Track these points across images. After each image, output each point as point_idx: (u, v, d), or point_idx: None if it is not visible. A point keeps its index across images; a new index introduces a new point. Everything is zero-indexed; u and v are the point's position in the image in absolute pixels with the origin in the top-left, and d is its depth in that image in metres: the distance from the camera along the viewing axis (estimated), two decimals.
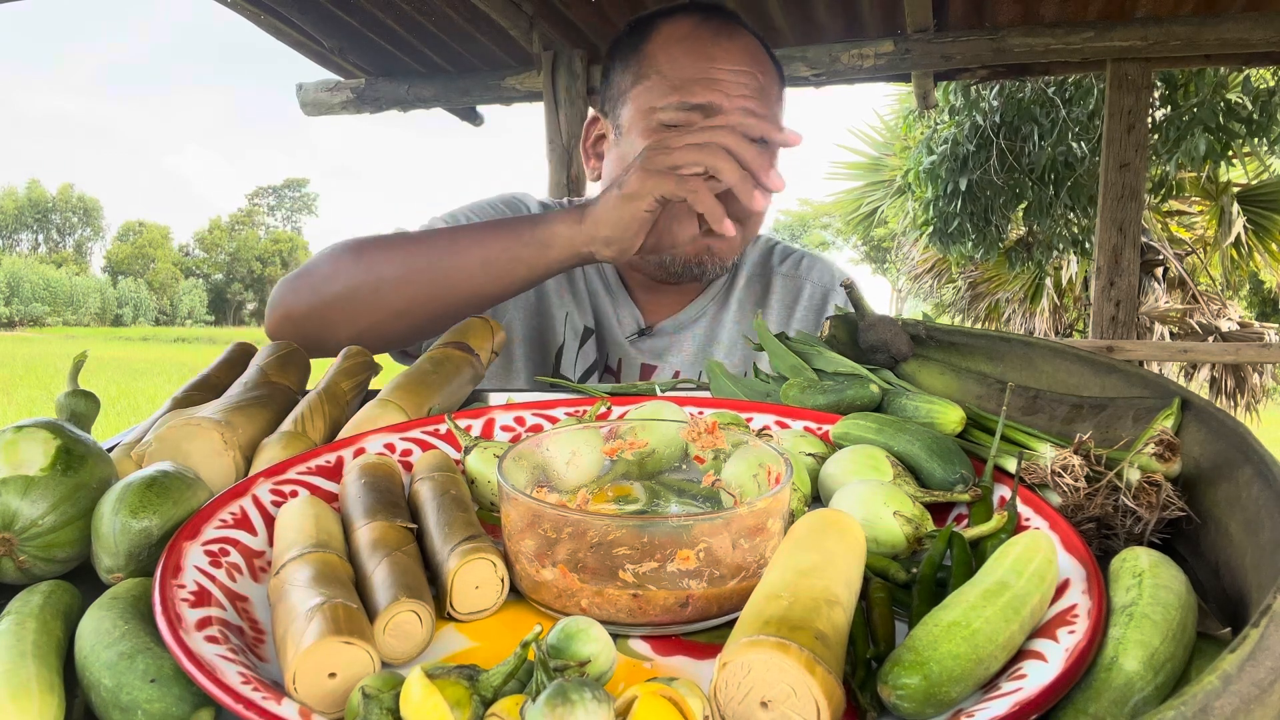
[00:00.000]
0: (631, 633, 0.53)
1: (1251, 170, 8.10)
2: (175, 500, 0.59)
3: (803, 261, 1.52)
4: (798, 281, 1.49)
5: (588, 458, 0.68)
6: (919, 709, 0.43)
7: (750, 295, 1.47)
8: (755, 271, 1.50)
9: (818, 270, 1.51)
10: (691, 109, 1.26)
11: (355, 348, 0.94)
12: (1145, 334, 7.89)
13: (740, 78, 1.27)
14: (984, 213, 6.84)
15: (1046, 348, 0.79)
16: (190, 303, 76.21)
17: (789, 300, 1.48)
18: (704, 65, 1.27)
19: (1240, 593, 0.52)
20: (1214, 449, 0.60)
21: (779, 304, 1.48)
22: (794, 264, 1.52)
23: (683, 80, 1.27)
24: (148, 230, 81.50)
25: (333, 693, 0.44)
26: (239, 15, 3.51)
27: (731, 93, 1.26)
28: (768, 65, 1.33)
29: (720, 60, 1.27)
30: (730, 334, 1.45)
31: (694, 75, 1.26)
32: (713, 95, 1.25)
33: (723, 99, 1.25)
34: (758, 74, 1.29)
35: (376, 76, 4.34)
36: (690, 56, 1.28)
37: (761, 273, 1.50)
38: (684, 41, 1.30)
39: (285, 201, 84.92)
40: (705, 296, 1.46)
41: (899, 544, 0.60)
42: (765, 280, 1.49)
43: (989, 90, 6.52)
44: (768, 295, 1.48)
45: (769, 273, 1.51)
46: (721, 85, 1.26)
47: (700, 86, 1.26)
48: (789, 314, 1.47)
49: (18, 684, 0.43)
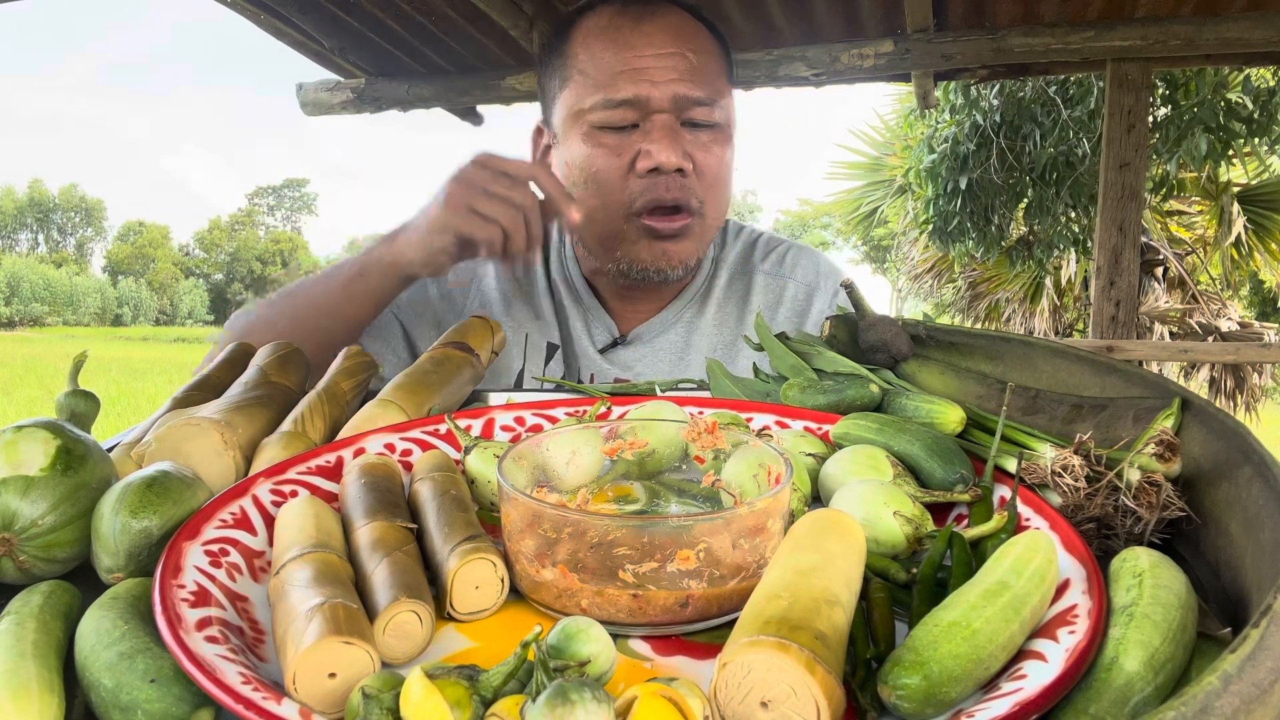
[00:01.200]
0: (631, 633, 0.53)
1: (1251, 170, 8.10)
2: (175, 500, 0.59)
3: (786, 257, 1.44)
4: (780, 280, 1.42)
5: (588, 458, 0.67)
6: (919, 709, 0.43)
7: (731, 297, 1.40)
8: (737, 269, 1.43)
9: (802, 267, 1.43)
10: (618, 105, 1.19)
11: (355, 347, 0.94)
12: (1145, 334, 7.89)
13: (668, 61, 1.19)
14: (984, 211, 6.84)
15: (1046, 348, 0.79)
16: (190, 303, 76.21)
17: (771, 301, 1.41)
18: (626, 56, 1.19)
19: (1240, 593, 0.52)
20: (1214, 449, 0.60)
21: (760, 306, 1.41)
22: (777, 260, 1.44)
23: (606, 76, 1.20)
24: (148, 230, 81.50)
25: (333, 693, 0.44)
26: (239, 15, 3.51)
27: (659, 79, 1.18)
28: (701, 40, 1.24)
29: (642, 47, 1.19)
30: (709, 341, 1.37)
31: (616, 68, 1.19)
32: (638, 88, 1.18)
33: (649, 89, 1.18)
34: (687, 53, 1.20)
35: (376, 76, 4.34)
36: (611, 49, 1.21)
37: (743, 270, 1.43)
38: (604, 34, 1.22)
39: (285, 201, 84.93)
40: (681, 300, 1.38)
41: (899, 544, 0.60)
42: (747, 279, 1.42)
43: (989, 89, 6.52)
44: (748, 296, 1.40)
45: (750, 270, 1.43)
46: (647, 74, 1.19)
47: (623, 79, 1.19)
48: (770, 317, 1.39)
49: (18, 684, 0.43)
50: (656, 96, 1.18)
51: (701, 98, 1.20)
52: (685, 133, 1.21)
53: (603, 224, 1.25)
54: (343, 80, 4.39)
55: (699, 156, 1.22)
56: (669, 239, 1.24)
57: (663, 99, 1.19)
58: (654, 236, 1.24)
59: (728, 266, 1.42)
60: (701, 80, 1.21)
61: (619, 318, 1.38)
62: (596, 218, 1.25)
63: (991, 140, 6.56)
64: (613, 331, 1.37)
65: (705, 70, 1.22)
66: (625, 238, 1.25)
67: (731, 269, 1.42)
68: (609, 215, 1.24)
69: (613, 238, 1.26)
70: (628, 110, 1.19)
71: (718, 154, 1.25)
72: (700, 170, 1.22)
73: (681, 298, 1.38)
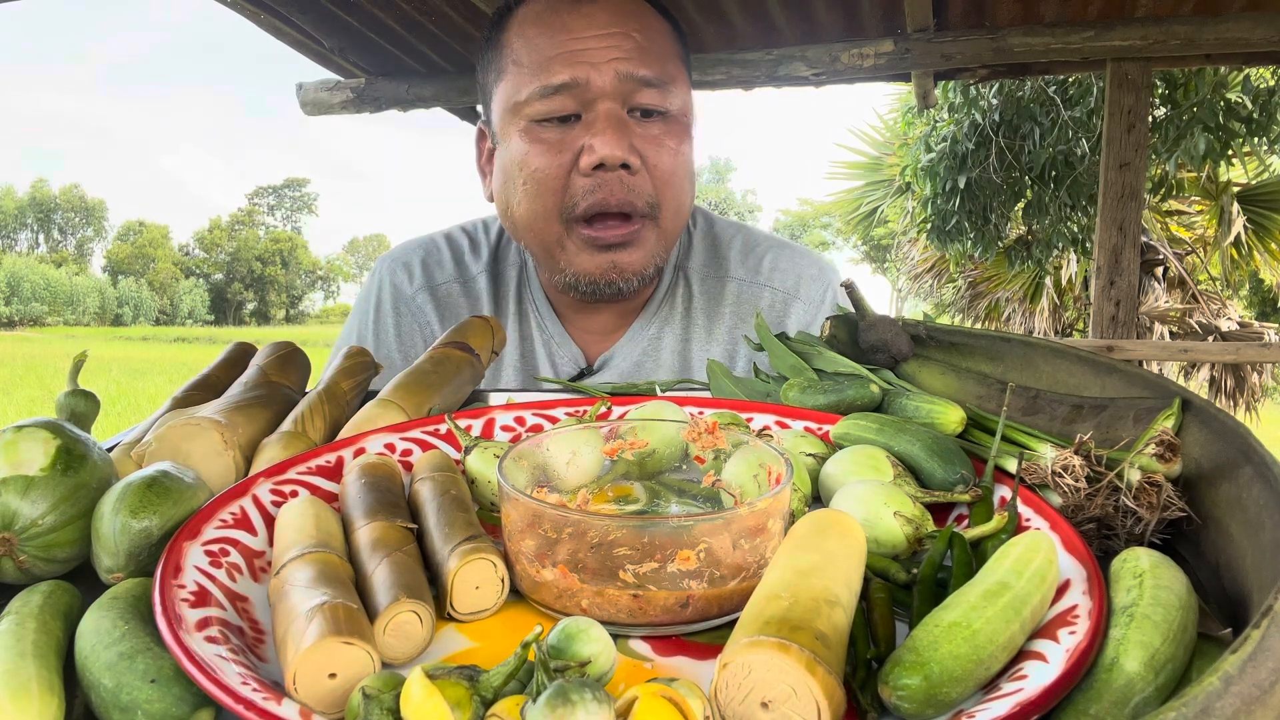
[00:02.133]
0: (632, 633, 0.53)
1: (1251, 170, 8.10)
2: (175, 500, 0.59)
3: (764, 261, 1.30)
4: (755, 289, 1.29)
5: (588, 458, 0.67)
6: (919, 709, 0.43)
7: (700, 308, 1.27)
8: (707, 276, 1.30)
9: (781, 272, 1.30)
10: (555, 92, 1.08)
11: (355, 347, 0.94)
12: (1145, 334, 7.89)
13: (610, 40, 1.08)
14: (983, 211, 6.84)
15: (1046, 348, 0.79)
16: (191, 302, 76.23)
17: (745, 313, 1.28)
18: (561, 39, 1.08)
19: (1241, 593, 0.52)
20: (1215, 449, 0.60)
21: (731, 317, 1.27)
22: (754, 267, 1.30)
23: (541, 61, 1.09)
24: (148, 230, 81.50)
25: (333, 693, 0.44)
26: (239, 15, 3.51)
27: (599, 59, 1.07)
28: (648, 20, 1.13)
29: (579, 30, 1.08)
30: (679, 360, 1.26)
31: (552, 52, 1.08)
32: (575, 70, 1.07)
33: (588, 70, 1.07)
34: (631, 32, 1.09)
35: (376, 76, 4.34)
36: (546, 34, 1.10)
37: (715, 276, 1.30)
38: (539, 20, 1.11)
39: (285, 201, 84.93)
40: (645, 316, 1.27)
41: (899, 544, 0.60)
42: (718, 287, 1.29)
43: (988, 89, 6.52)
44: (719, 307, 1.28)
45: (723, 277, 1.29)
46: (586, 54, 1.07)
47: (559, 62, 1.08)
48: (743, 329, 1.27)
49: (18, 684, 0.43)
50: (597, 79, 1.07)
51: (649, 76, 1.09)
52: (634, 124, 1.10)
53: (543, 229, 1.14)
54: (343, 80, 4.39)
55: (649, 151, 1.11)
56: (616, 249, 1.13)
57: (604, 81, 1.07)
58: (599, 247, 1.13)
59: (695, 273, 1.30)
60: (650, 58, 1.10)
61: (583, 342, 1.28)
62: (536, 224, 1.14)
63: (990, 139, 6.56)
64: (579, 362, 1.27)
65: (653, 50, 1.11)
66: (566, 248, 1.14)
67: (701, 275, 1.30)
68: (549, 222, 1.13)
69: (554, 244, 1.15)
70: (566, 98, 1.08)
71: (672, 147, 1.13)
72: (651, 166, 1.11)
73: (645, 314, 1.27)
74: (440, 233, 1.39)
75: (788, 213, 55.56)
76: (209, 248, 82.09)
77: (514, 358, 1.29)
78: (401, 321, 1.33)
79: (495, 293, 1.32)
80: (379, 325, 1.33)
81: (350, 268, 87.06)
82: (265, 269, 79.34)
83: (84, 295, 68.54)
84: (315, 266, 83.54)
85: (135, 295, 73.00)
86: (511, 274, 1.33)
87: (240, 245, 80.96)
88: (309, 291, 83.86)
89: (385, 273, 1.35)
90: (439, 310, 1.31)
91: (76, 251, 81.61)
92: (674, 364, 1.27)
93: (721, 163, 64.76)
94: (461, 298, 1.32)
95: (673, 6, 1.30)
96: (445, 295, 1.32)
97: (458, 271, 1.34)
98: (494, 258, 1.34)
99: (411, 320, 1.32)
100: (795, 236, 52.12)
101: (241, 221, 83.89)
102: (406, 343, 1.32)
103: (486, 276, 1.32)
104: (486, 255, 1.34)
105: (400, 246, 1.39)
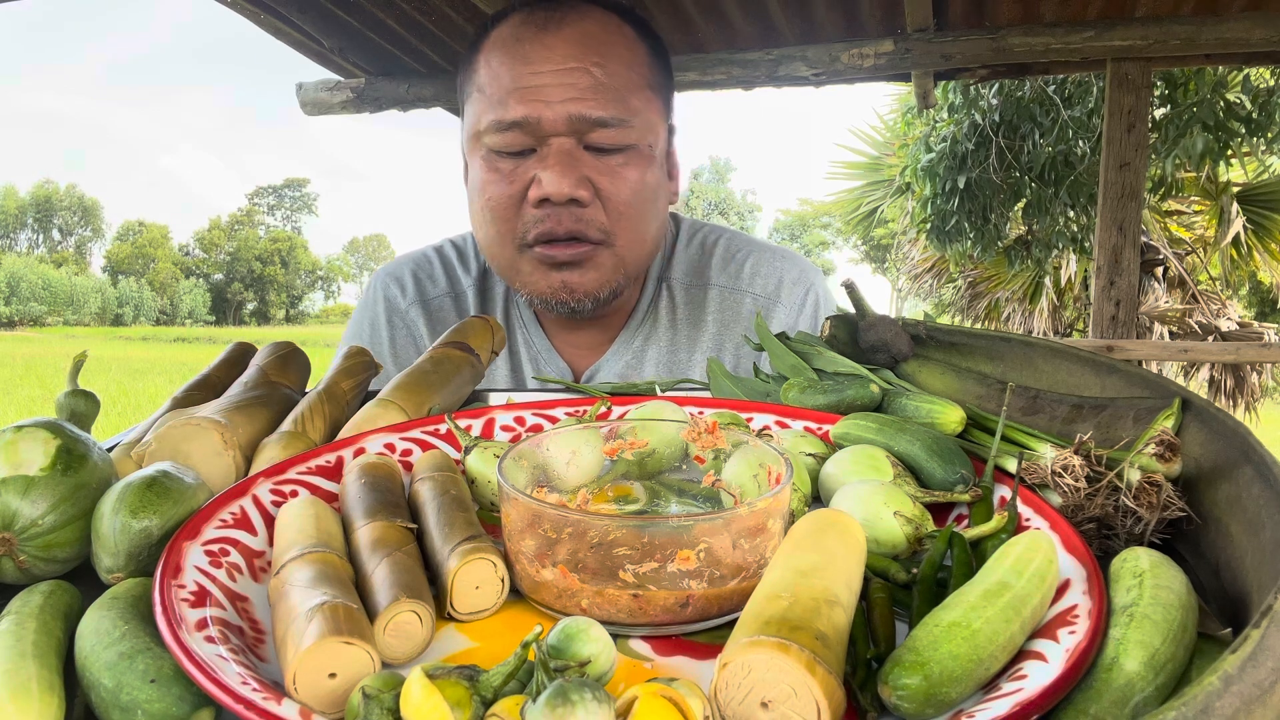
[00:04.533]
0: (631, 633, 0.53)
1: (1251, 170, 8.11)
2: (175, 500, 0.59)
3: (745, 266, 1.30)
4: (736, 295, 1.29)
5: (588, 458, 0.67)
6: (919, 709, 0.43)
7: (684, 317, 1.29)
8: (691, 284, 1.30)
9: (762, 277, 1.30)
10: (508, 128, 1.09)
11: (356, 347, 0.94)
12: (1145, 334, 7.89)
13: (567, 77, 1.08)
14: (982, 211, 6.84)
15: (1046, 348, 0.79)
16: (191, 302, 76.23)
17: (728, 319, 1.28)
18: (520, 71, 1.09)
19: (1241, 593, 0.52)
20: (1214, 449, 0.60)
21: (714, 325, 1.28)
22: (734, 273, 1.30)
23: (500, 94, 1.10)
24: (148, 230, 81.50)
25: (333, 693, 0.44)
26: (239, 15, 3.51)
27: (554, 98, 1.07)
28: (613, 49, 1.12)
29: (538, 63, 1.08)
30: (665, 370, 1.27)
31: (510, 86, 1.09)
32: (529, 108, 1.08)
33: (542, 109, 1.07)
34: (589, 66, 1.09)
35: (376, 76, 4.34)
36: (507, 64, 1.10)
37: (698, 284, 1.30)
38: (504, 46, 1.12)
39: (285, 201, 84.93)
40: (629, 330, 1.28)
41: (899, 544, 0.60)
42: (701, 294, 1.30)
43: (988, 89, 6.52)
44: (702, 315, 1.29)
45: (705, 284, 1.30)
46: (541, 92, 1.08)
47: (515, 99, 1.09)
48: (728, 336, 1.27)
49: (18, 684, 0.43)
50: (549, 118, 1.08)
51: (604, 118, 1.09)
52: (590, 158, 1.11)
53: (498, 252, 1.18)
54: (343, 80, 4.39)
55: (604, 183, 1.11)
56: (567, 268, 1.14)
57: (556, 120, 1.08)
58: (550, 265, 1.14)
59: (678, 283, 1.31)
60: (607, 98, 1.09)
61: (570, 356, 1.30)
62: (491, 247, 1.18)
63: (990, 139, 6.57)
64: (565, 376, 1.28)
65: (614, 86, 1.10)
66: (521, 270, 1.17)
67: (684, 284, 1.30)
68: (504, 246, 1.16)
69: (508, 266, 1.18)
70: (519, 134, 1.09)
71: (632, 178, 1.13)
72: (606, 197, 1.12)
73: (628, 327, 1.28)
74: (432, 246, 1.42)
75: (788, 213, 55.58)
76: (209, 248, 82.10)
77: (503, 371, 1.31)
78: (396, 335, 1.35)
79: (483, 307, 1.34)
80: (374, 337, 1.36)
81: (350, 268, 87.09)
82: (265, 269, 79.33)
83: (84, 295, 68.55)
84: (315, 266, 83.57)
85: (135, 295, 73.00)
86: (499, 288, 1.35)
87: (240, 245, 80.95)
88: (309, 291, 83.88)
89: (380, 287, 1.38)
90: (430, 324, 1.34)
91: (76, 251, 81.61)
92: (660, 375, 1.28)
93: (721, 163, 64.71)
94: (452, 311, 1.34)
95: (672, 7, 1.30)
96: (437, 309, 1.35)
97: (449, 285, 1.36)
98: (482, 272, 1.37)
99: (406, 333, 1.35)
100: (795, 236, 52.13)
101: (241, 221, 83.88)
102: (401, 355, 1.34)
103: (474, 291, 1.35)
104: (475, 269, 1.37)
105: (395, 261, 1.42)
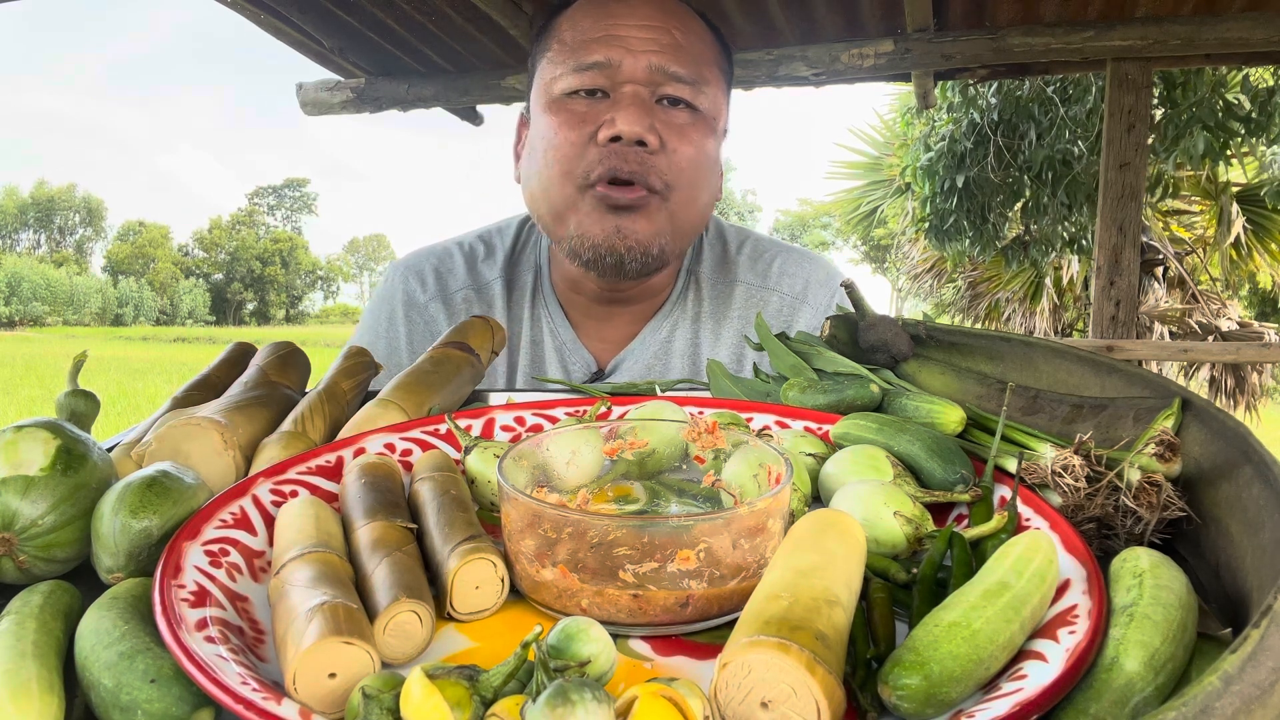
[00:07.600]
0: (631, 633, 0.53)
1: (1251, 170, 8.11)
2: (175, 500, 0.59)
3: (773, 266, 1.33)
4: (764, 293, 1.31)
5: (588, 458, 0.67)
6: (919, 709, 0.43)
7: (709, 312, 1.31)
8: (716, 280, 1.33)
9: (789, 277, 1.32)
10: (588, 68, 1.12)
11: (356, 347, 0.94)
12: (1145, 334, 7.89)
13: (649, 33, 1.12)
14: (981, 210, 6.84)
15: (1046, 348, 0.79)
16: (191, 302, 76.20)
17: (753, 316, 1.29)
18: (604, 24, 1.13)
19: (1241, 593, 0.52)
20: (1214, 449, 0.60)
21: (738, 320, 1.30)
22: (762, 271, 1.33)
23: (581, 41, 1.14)
24: (148, 230, 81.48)
25: (333, 693, 0.44)
26: (239, 15, 3.51)
27: (636, 48, 1.11)
28: (689, 24, 1.17)
29: (623, 17, 1.13)
30: (689, 362, 1.28)
31: (593, 35, 1.13)
32: (611, 51, 1.11)
33: (623, 54, 1.11)
34: (672, 29, 1.13)
35: (376, 76, 4.34)
36: (591, 18, 1.15)
37: (724, 280, 1.33)
38: (589, 6, 1.17)
39: (285, 201, 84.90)
40: (657, 320, 1.30)
41: (899, 544, 0.60)
42: (727, 291, 1.32)
43: (987, 88, 6.52)
44: (727, 311, 1.31)
45: (732, 281, 1.32)
46: (624, 41, 1.12)
47: (597, 44, 1.12)
48: (746, 332, 1.30)
49: (18, 684, 0.43)
50: (630, 64, 1.11)
51: (681, 73, 1.12)
52: (659, 110, 1.13)
53: (556, 193, 1.16)
54: (343, 80, 4.39)
55: (670, 136, 1.13)
56: (623, 212, 1.13)
57: (636, 68, 1.11)
58: (607, 207, 1.13)
59: (706, 277, 1.33)
60: (685, 58, 1.13)
61: (595, 347, 1.30)
62: (550, 189, 1.16)
63: (989, 139, 6.57)
64: (590, 367, 1.29)
65: (692, 51, 1.15)
66: (578, 208, 1.15)
67: (710, 281, 1.33)
68: (564, 185, 1.15)
69: (565, 208, 1.16)
70: (597, 74, 1.12)
71: (695, 140, 1.15)
72: (671, 150, 1.13)
73: (657, 317, 1.30)
74: (453, 240, 1.41)
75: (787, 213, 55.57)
76: (209, 248, 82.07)
77: (525, 362, 1.30)
78: (414, 329, 1.34)
79: (510, 298, 1.33)
80: (391, 331, 1.35)
81: (350, 268, 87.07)
82: (265, 269, 79.31)
83: (84, 295, 68.53)
84: (315, 266, 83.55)
85: (135, 295, 72.97)
86: (527, 279, 1.34)
87: (240, 245, 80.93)
88: (309, 291, 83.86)
89: (399, 280, 1.37)
90: (451, 318, 1.34)
91: (76, 251, 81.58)
92: (684, 367, 1.29)
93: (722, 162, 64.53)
94: (476, 304, 1.34)
95: None
96: (461, 302, 1.34)
97: (471, 278, 1.35)
98: (509, 263, 1.36)
99: (424, 328, 1.34)
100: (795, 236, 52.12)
101: (241, 221, 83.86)
102: (418, 350, 1.33)
103: (501, 282, 1.34)
104: (502, 261, 1.36)
105: (414, 254, 1.41)
